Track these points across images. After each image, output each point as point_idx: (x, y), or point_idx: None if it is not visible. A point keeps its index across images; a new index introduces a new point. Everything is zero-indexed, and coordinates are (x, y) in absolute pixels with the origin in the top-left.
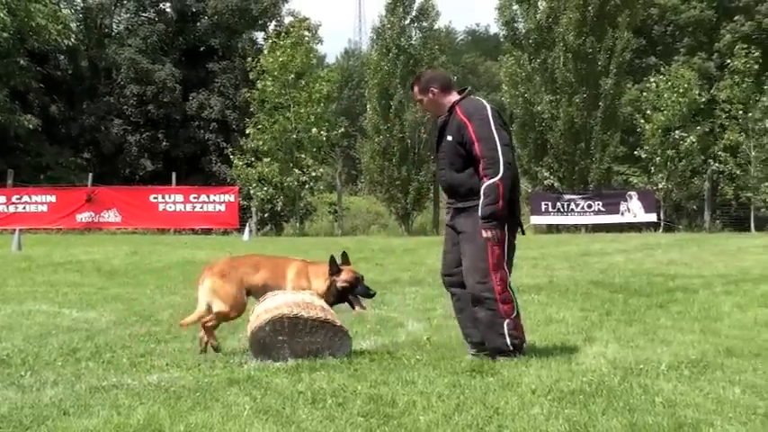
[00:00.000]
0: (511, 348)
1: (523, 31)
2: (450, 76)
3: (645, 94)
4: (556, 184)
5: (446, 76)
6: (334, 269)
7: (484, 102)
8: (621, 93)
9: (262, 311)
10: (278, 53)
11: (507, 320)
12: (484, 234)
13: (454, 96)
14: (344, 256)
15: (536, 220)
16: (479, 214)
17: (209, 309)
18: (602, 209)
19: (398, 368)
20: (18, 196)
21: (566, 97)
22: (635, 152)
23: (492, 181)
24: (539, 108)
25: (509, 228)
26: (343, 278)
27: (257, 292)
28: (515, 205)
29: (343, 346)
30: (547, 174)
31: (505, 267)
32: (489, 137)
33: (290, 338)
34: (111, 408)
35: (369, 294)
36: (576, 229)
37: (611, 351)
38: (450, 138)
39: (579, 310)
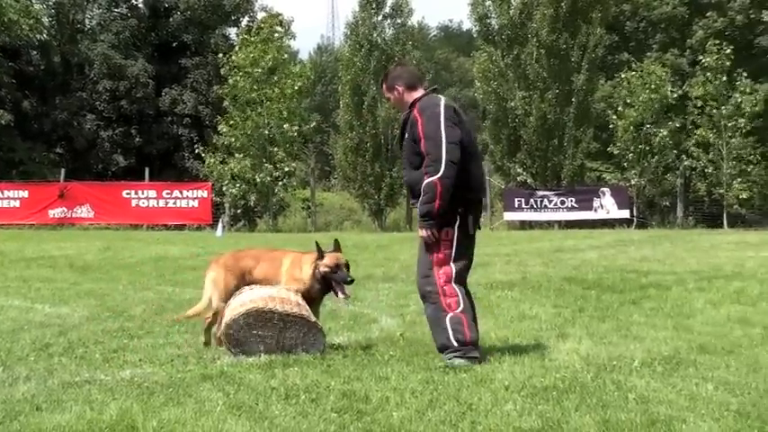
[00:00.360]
0: (455, 344)
1: (496, 26)
2: (418, 73)
3: (617, 90)
4: (529, 181)
5: (412, 74)
6: (320, 254)
7: (441, 99)
8: (594, 89)
9: (237, 305)
10: (249, 49)
11: (450, 314)
12: (419, 233)
13: (419, 94)
14: (336, 243)
15: (509, 216)
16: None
17: (210, 305)
18: (575, 205)
19: (372, 364)
20: None
21: (538, 93)
22: (608, 148)
23: (431, 179)
24: (512, 104)
25: (462, 227)
26: (325, 263)
27: (258, 284)
28: (473, 205)
29: (316, 343)
30: (520, 170)
31: (452, 265)
32: (435, 134)
33: (264, 333)
34: (83, 403)
35: (346, 281)
36: (549, 225)
37: (584, 347)
38: (407, 135)
39: (552, 307)
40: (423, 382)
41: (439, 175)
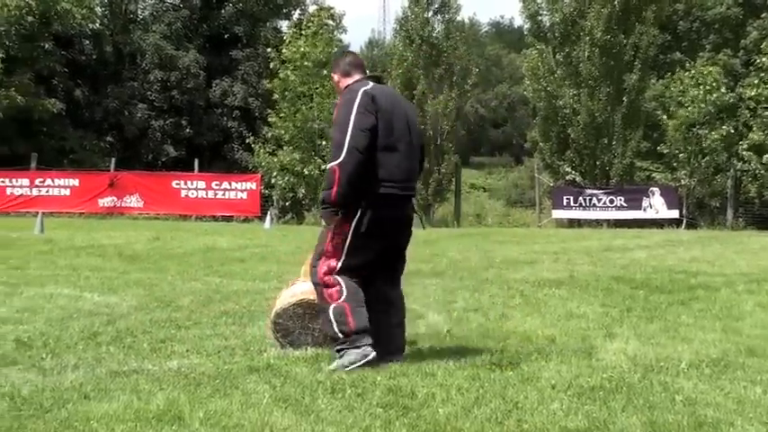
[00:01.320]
0: (340, 335)
1: (548, 24)
2: (356, 61)
3: (669, 89)
4: (578, 179)
5: (349, 61)
6: None
7: (364, 86)
8: (645, 88)
9: (288, 295)
10: (299, 42)
11: (333, 305)
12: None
13: (351, 81)
14: None
15: (557, 214)
16: None
17: None
18: (624, 204)
19: (418, 360)
20: (41, 180)
21: (588, 91)
22: (658, 148)
23: (331, 165)
24: (561, 102)
25: (357, 223)
26: None
27: None
28: (382, 201)
29: None
30: (568, 168)
31: (341, 260)
32: (344, 120)
33: (313, 325)
34: (131, 392)
35: None
36: (597, 224)
37: (631, 348)
38: None
39: (600, 306)
40: (469, 379)
41: (339, 161)
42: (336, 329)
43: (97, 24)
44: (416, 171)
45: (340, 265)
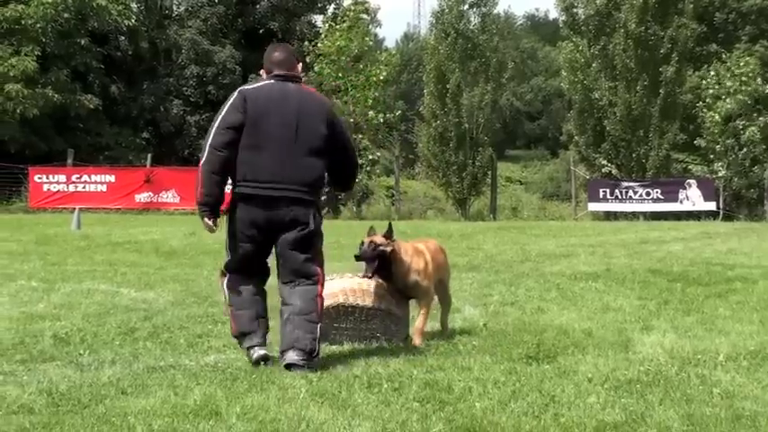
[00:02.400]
0: (235, 335)
1: (583, 16)
2: (277, 57)
3: (706, 81)
4: (614, 172)
5: (271, 58)
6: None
7: (251, 85)
8: (682, 80)
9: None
10: (335, 37)
11: (225, 307)
12: None
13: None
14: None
15: (593, 206)
16: None
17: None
18: (660, 196)
19: (454, 354)
20: (78, 176)
21: (624, 84)
22: (694, 140)
23: (198, 165)
24: (597, 95)
25: (230, 220)
26: None
27: None
28: (249, 199)
29: (399, 333)
30: (604, 161)
31: (227, 258)
32: (214, 120)
33: (346, 326)
34: (168, 388)
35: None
36: (633, 216)
37: (668, 340)
38: None
39: (637, 299)
40: (505, 373)
41: (201, 160)
42: (232, 329)
43: (133, 20)
44: (295, 171)
45: (224, 265)
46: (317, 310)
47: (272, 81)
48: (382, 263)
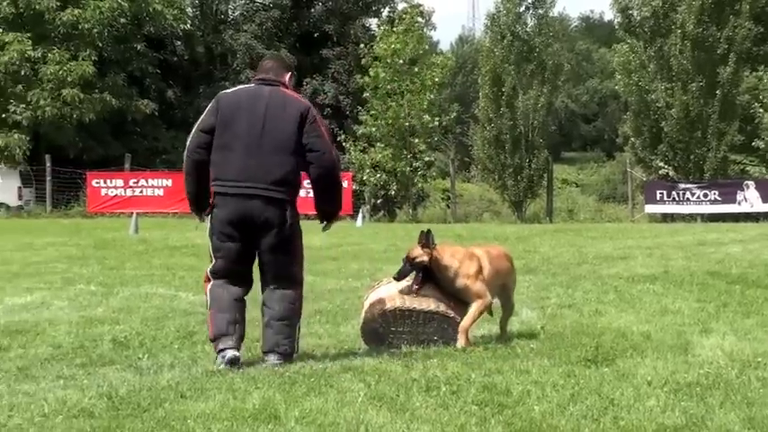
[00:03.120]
0: (211, 339)
1: (638, 18)
2: (263, 65)
3: (764, 82)
4: (671, 173)
5: (260, 66)
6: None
7: (229, 89)
8: (740, 81)
9: (375, 301)
10: (390, 40)
11: (208, 312)
12: None
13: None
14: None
15: (650, 208)
16: None
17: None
18: (718, 198)
19: (512, 357)
20: (135, 180)
21: (681, 85)
22: (752, 142)
23: None
24: (653, 96)
25: (211, 221)
26: None
27: None
28: (223, 198)
29: (456, 336)
30: (661, 163)
31: (211, 261)
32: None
33: (403, 329)
34: (227, 391)
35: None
36: (691, 218)
37: (728, 343)
38: None
39: (695, 301)
40: (564, 376)
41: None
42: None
43: (188, 25)
44: (261, 169)
45: (209, 268)
46: (296, 314)
47: (250, 85)
48: (426, 272)
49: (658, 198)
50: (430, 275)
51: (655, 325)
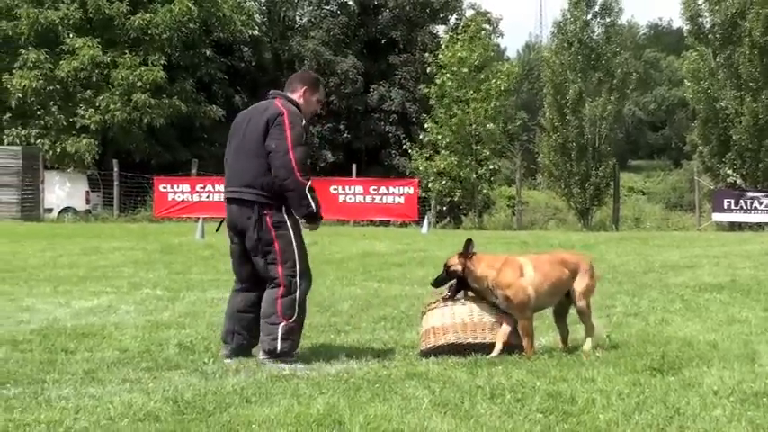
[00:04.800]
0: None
1: (708, 25)
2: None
3: None
4: (739, 182)
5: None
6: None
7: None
8: None
9: (430, 330)
10: (456, 47)
11: None
12: None
13: None
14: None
15: (718, 217)
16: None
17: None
18: None
19: (577, 365)
20: (201, 185)
21: (751, 93)
22: None
23: None
24: (722, 104)
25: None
26: None
27: None
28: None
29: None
30: (729, 171)
31: None
32: None
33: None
34: (291, 397)
35: None
36: (759, 227)
37: None
38: None
39: (762, 311)
40: (629, 385)
41: None
42: None
43: (256, 31)
44: (236, 174)
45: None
46: (278, 312)
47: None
48: (460, 282)
49: (726, 207)
50: (464, 286)
51: (721, 334)
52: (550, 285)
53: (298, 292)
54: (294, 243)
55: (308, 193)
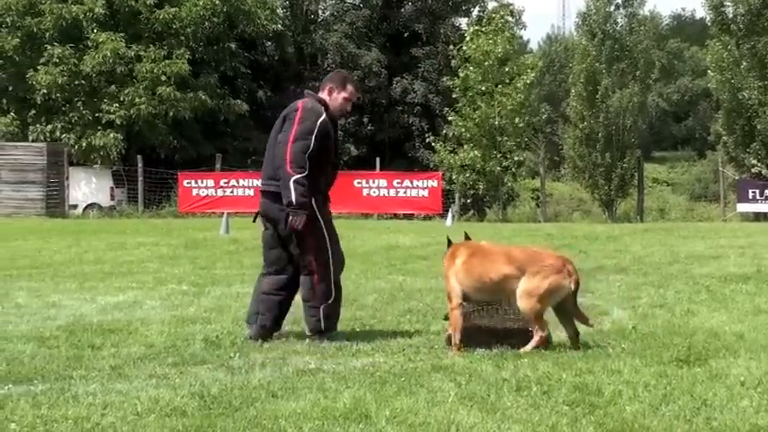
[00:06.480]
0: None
1: (731, 15)
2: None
3: None
4: (764, 172)
5: None
6: None
7: None
8: None
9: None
10: (480, 40)
11: None
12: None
13: None
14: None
15: (742, 207)
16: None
17: None
18: None
19: (603, 357)
20: (226, 180)
21: None
22: None
23: None
24: (746, 94)
25: None
26: None
27: None
28: None
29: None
30: (754, 161)
31: None
32: None
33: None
34: (317, 391)
35: None
36: None
37: None
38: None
39: None
40: (656, 376)
41: None
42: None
43: (279, 25)
44: (266, 167)
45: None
46: (317, 297)
47: None
48: None
49: (751, 197)
50: None
51: (748, 325)
52: (476, 278)
53: (332, 277)
54: (325, 231)
55: (291, 184)
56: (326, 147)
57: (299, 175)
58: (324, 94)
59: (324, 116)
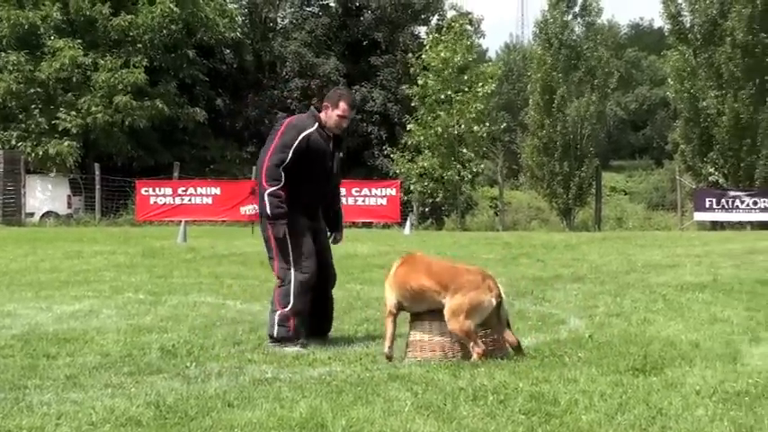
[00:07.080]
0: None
1: (688, 24)
2: None
3: None
4: (720, 181)
5: None
6: None
7: None
8: None
9: (417, 344)
10: (439, 48)
11: None
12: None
13: None
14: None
15: (699, 216)
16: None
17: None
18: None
19: (560, 366)
20: (184, 188)
21: (732, 92)
22: None
23: None
24: (704, 103)
25: None
26: None
27: None
28: None
29: (498, 352)
30: (711, 170)
31: None
32: None
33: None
34: (274, 400)
35: None
36: (741, 226)
37: None
38: (340, 154)
39: (744, 310)
40: (612, 385)
41: None
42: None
43: (238, 33)
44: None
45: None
46: (275, 301)
47: None
48: None
49: (708, 206)
50: None
51: (703, 334)
52: (400, 286)
53: (292, 283)
54: (288, 237)
55: (266, 197)
56: (313, 161)
57: (273, 188)
58: (322, 113)
59: (309, 131)
